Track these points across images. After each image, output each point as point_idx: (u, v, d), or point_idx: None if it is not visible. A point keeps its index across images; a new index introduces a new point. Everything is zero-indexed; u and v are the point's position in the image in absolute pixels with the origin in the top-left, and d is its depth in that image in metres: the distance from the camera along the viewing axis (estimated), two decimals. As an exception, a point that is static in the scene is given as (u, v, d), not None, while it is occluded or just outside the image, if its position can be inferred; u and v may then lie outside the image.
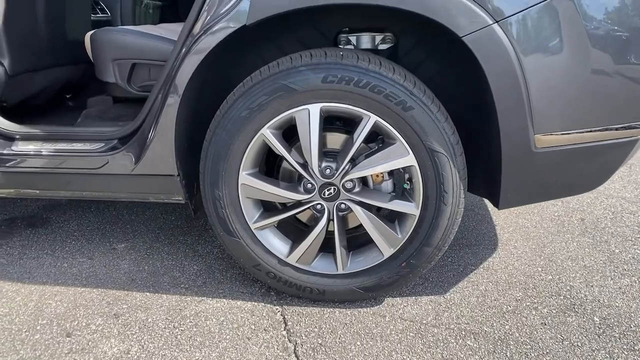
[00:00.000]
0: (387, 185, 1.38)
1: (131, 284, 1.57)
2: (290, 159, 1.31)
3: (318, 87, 1.21)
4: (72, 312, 1.43)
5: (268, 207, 1.44)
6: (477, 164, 1.42)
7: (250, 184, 1.34)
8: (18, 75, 1.70)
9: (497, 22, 1.12)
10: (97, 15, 2.24)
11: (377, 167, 1.29)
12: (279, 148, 1.30)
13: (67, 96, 2.12)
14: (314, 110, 1.24)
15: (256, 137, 1.29)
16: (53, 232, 1.92)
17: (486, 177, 1.41)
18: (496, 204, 1.34)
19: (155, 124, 1.38)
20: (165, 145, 1.39)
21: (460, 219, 1.32)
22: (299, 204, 1.37)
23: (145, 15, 2.43)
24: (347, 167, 1.31)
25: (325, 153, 1.36)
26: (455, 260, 1.68)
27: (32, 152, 1.50)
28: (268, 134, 1.28)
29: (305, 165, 1.32)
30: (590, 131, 1.22)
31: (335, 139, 1.38)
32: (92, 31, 1.64)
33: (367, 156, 1.31)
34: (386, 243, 1.35)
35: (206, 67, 1.33)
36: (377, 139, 1.37)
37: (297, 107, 1.24)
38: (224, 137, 1.30)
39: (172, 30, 1.93)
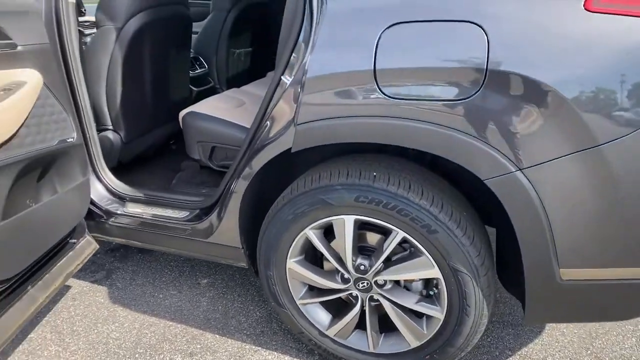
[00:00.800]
0: (417, 285, 1.50)
1: (206, 323, 1.92)
2: (329, 256, 1.49)
3: (351, 204, 1.36)
4: (160, 345, 1.82)
5: (312, 286, 1.65)
6: (508, 275, 1.46)
7: (295, 269, 1.56)
8: (131, 141, 2.11)
9: (520, 169, 1.14)
10: (196, 72, 2.57)
11: (405, 274, 1.42)
12: (319, 246, 1.49)
13: (171, 142, 2.52)
14: (349, 220, 1.40)
15: (300, 234, 1.49)
16: (156, 259, 2.37)
17: (515, 288, 1.45)
18: (524, 317, 1.38)
19: (226, 207, 1.65)
20: (233, 224, 1.66)
21: (484, 328, 1.40)
22: (337, 290, 1.56)
23: (237, 62, 2.71)
24: (379, 267, 1.45)
25: (362, 248, 1.51)
26: (494, 341, 1.74)
27: (137, 214, 1.89)
28: (310, 234, 1.47)
29: (342, 260, 1.49)
30: (622, 268, 1.20)
31: (371, 237, 1.52)
32: (184, 112, 1.95)
33: (397, 261, 1.44)
34: (412, 336, 1.49)
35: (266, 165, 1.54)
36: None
37: (334, 216, 1.41)
38: (274, 232, 1.52)
39: (250, 94, 2.18)
